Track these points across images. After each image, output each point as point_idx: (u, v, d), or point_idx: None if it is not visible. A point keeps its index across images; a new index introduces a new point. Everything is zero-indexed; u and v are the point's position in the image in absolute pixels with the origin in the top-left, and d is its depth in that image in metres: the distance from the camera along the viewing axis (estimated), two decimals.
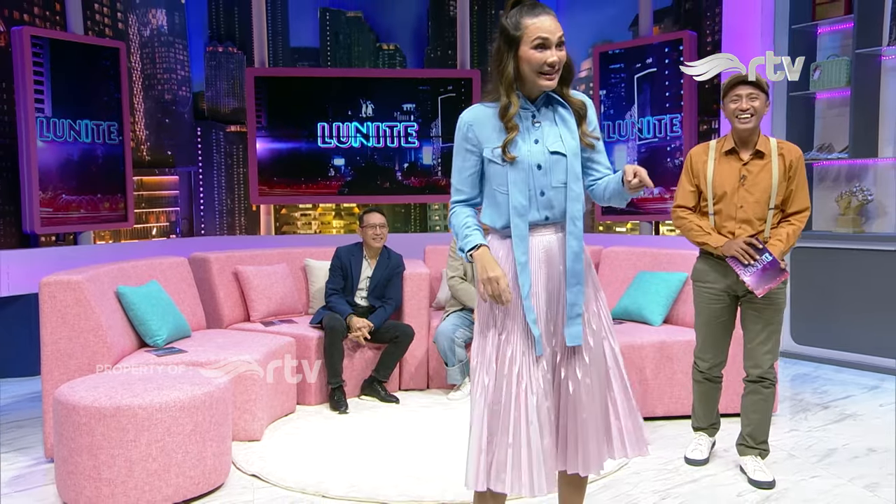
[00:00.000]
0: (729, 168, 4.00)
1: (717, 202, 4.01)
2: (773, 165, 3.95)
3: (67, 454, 3.84)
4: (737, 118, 3.93)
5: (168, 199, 7.94)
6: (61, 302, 4.54)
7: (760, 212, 3.96)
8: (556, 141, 2.79)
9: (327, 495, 3.97)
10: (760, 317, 4.03)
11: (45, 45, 6.69)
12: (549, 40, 2.66)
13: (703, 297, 4.15)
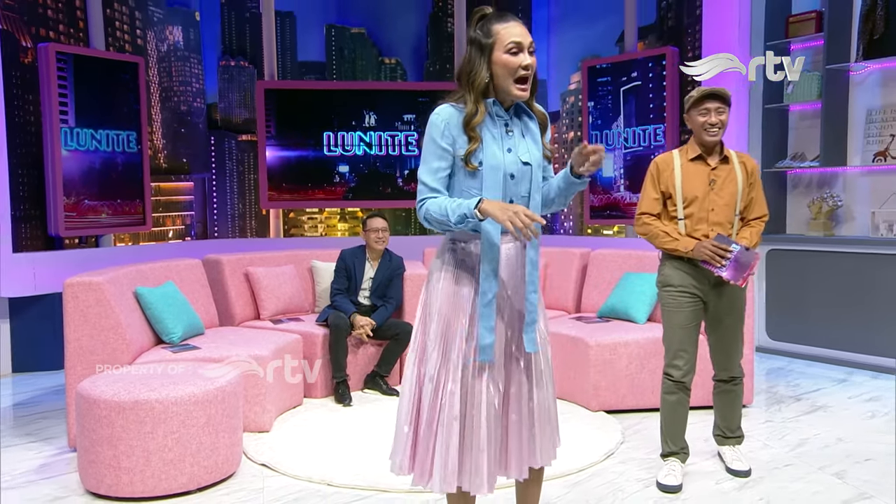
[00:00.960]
0: (697, 173, 3.90)
1: (687, 206, 3.91)
2: (738, 171, 3.93)
3: (89, 444, 3.86)
4: (705, 131, 3.84)
5: (183, 204, 7.94)
6: (83, 302, 4.55)
7: (729, 214, 3.91)
8: (525, 151, 2.73)
9: (332, 483, 3.98)
10: (724, 322, 3.99)
11: (69, 60, 6.69)
12: (521, 44, 2.61)
13: (675, 301, 3.95)
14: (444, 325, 2.77)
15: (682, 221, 3.92)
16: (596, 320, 5.72)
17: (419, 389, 2.80)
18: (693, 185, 3.88)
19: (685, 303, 3.91)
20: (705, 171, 3.89)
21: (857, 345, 6.29)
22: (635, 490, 3.91)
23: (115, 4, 7.21)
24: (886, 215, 6.27)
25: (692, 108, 3.89)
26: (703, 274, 3.85)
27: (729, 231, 3.90)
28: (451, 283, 2.78)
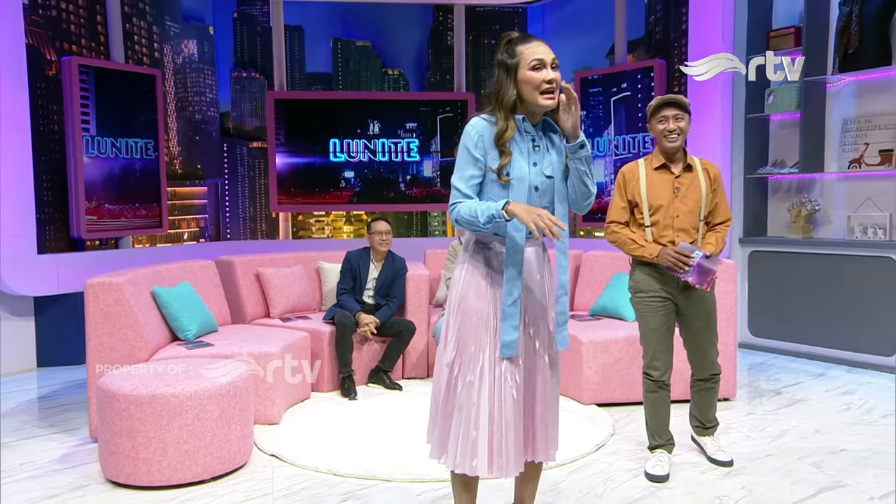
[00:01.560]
0: (662, 182, 3.86)
1: (653, 213, 3.86)
2: (701, 178, 3.87)
3: (109, 436, 3.88)
4: (665, 137, 3.81)
5: (198, 208, 7.95)
6: (104, 301, 4.56)
7: (694, 220, 3.86)
8: (549, 165, 2.78)
9: (338, 473, 3.99)
10: (695, 324, 3.96)
11: (90, 73, 6.71)
12: (544, 61, 2.65)
13: (648, 306, 3.92)
14: (466, 320, 2.83)
15: (648, 228, 3.88)
16: (588, 318, 5.73)
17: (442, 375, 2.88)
18: (658, 193, 3.85)
19: (657, 307, 3.89)
20: (669, 180, 3.85)
21: (833, 341, 6.31)
22: (625, 479, 3.92)
23: (133, 19, 7.23)
24: (861, 219, 6.27)
25: (652, 116, 3.86)
26: (672, 278, 3.83)
27: (694, 236, 3.87)
28: (476, 280, 2.83)
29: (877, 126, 6.21)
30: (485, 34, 8.53)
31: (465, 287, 2.85)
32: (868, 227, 6.22)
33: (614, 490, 3.79)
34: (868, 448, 4.38)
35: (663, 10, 7.33)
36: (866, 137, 6.24)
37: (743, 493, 3.72)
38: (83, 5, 6.79)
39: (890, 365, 6.02)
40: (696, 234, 3.87)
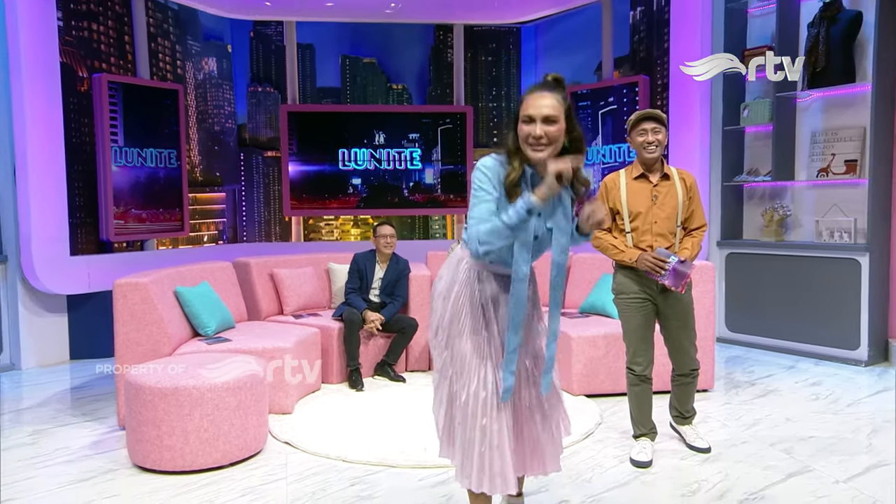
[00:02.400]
0: (641, 190, 3.85)
1: (633, 220, 3.86)
2: (678, 187, 3.86)
3: (136, 425, 3.89)
4: (644, 149, 3.78)
5: (216, 212, 7.95)
6: (130, 300, 4.58)
7: (671, 226, 3.85)
8: (550, 218, 2.62)
9: (346, 459, 4.00)
10: (673, 323, 3.94)
11: (118, 88, 6.71)
12: (533, 116, 2.51)
13: (630, 307, 3.92)
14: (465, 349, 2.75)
15: (629, 234, 3.88)
16: (577, 315, 5.73)
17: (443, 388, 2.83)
18: (637, 200, 3.85)
19: (637, 307, 3.90)
20: (648, 188, 3.85)
21: (803, 336, 6.32)
22: (612, 465, 3.93)
23: (158, 39, 7.23)
24: (828, 223, 6.28)
25: (632, 129, 3.84)
26: (651, 280, 3.84)
27: (671, 240, 3.87)
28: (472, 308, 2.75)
29: (842, 138, 6.22)
30: (482, 52, 8.53)
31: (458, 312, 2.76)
32: (835, 231, 6.23)
33: (602, 475, 3.80)
34: (834, 435, 4.40)
35: (646, 30, 7.34)
36: (833, 148, 6.25)
37: (720, 477, 3.74)
38: (112, 26, 6.80)
39: (854, 358, 6.04)
40: (673, 239, 3.87)
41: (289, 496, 3.57)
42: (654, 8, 7.25)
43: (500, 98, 8.56)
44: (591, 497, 3.53)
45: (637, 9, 7.40)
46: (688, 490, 3.61)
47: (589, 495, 3.55)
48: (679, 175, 3.91)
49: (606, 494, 3.56)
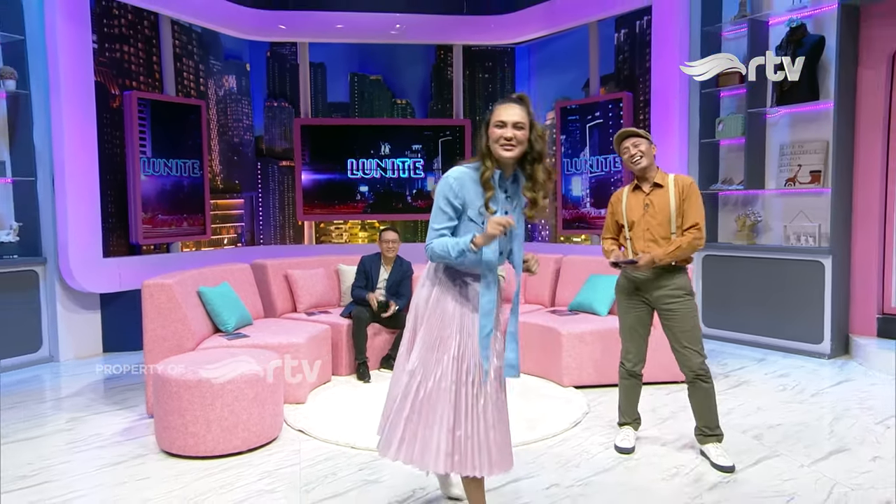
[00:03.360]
0: (636, 201, 3.85)
1: (631, 229, 3.86)
2: (671, 193, 3.77)
3: (163, 414, 3.91)
4: (632, 163, 3.78)
5: (235, 217, 7.96)
6: (158, 299, 4.59)
7: (665, 232, 3.76)
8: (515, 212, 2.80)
9: (355, 446, 4.01)
10: (673, 324, 3.79)
11: (147, 105, 6.72)
12: (505, 122, 2.66)
13: (624, 306, 3.93)
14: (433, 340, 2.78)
15: (629, 241, 3.88)
16: (567, 313, 5.73)
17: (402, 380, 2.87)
18: (632, 211, 3.85)
19: (631, 307, 3.89)
20: (641, 198, 3.83)
21: (772, 331, 6.34)
22: (598, 451, 3.96)
23: (183, 59, 7.24)
24: (795, 228, 6.29)
25: (617, 149, 3.87)
26: (647, 284, 3.80)
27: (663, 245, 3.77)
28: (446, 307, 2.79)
29: (807, 151, 6.23)
30: (479, 70, 8.54)
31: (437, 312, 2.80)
32: (801, 236, 6.25)
33: (589, 461, 3.82)
34: (799, 422, 4.42)
35: (630, 51, 7.35)
36: (799, 160, 6.26)
37: (696, 462, 3.76)
38: (142, 48, 6.81)
39: (818, 351, 6.05)
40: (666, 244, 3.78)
41: (302, 480, 3.58)
42: (636, 30, 7.26)
43: None
44: (579, 481, 3.55)
45: (621, 31, 7.40)
46: (667, 474, 3.63)
47: (577, 479, 3.57)
48: (675, 181, 3.81)
49: (593, 479, 3.58)
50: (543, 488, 3.47)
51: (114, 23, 6.56)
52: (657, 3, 6.89)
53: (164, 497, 3.40)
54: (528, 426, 4.30)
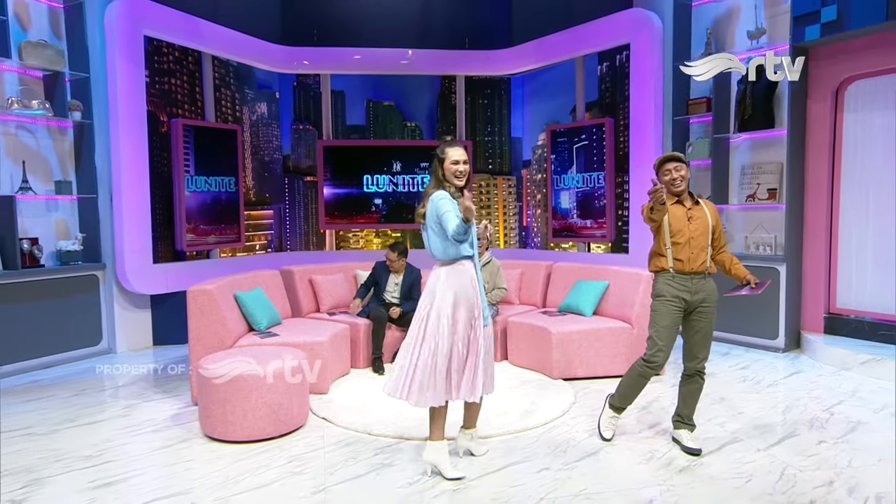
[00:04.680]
0: (679, 212, 3.63)
1: (673, 235, 3.61)
2: (707, 213, 3.67)
3: (206, 403, 3.95)
4: (672, 185, 3.60)
5: (266, 226, 7.98)
6: (200, 302, 4.63)
7: (704, 243, 3.62)
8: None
9: (371, 433, 4.03)
10: (699, 326, 3.68)
11: (190, 130, 6.77)
12: (459, 160, 3.37)
13: (665, 307, 3.64)
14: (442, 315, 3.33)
15: (669, 249, 3.65)
16: (556, 314, 5.74)
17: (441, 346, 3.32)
18: (677, 220, 3.62)
19: (672, 309, 3.63)
20: (683, 211, 3.64)
21: (735, 328, 6.36)
22: (583, 438, 3.97)
23: (221, 89, 7.28)
24: (755, 238, 6.32)
25: (658, 170, 3.68)
26: (688, 286, 3.63)
27: (705, 256, 3.65)
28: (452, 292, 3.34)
29: (765, 171, 6.25)
30: (479, 97, 8.55)
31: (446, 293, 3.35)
32: (759, 245, 6.28)
33: (575, 447, 3.83)
34: (758, 410, 4.45)
35: (611, 81, 7.36)
36: (758, 179, 6.28)
37: (668, 447, 3.79)
38: (186, 81, 6.85)
39: (774, 346, 6.09)
40: (705, 255, 3.65)
41: (326, 463, 3.61)
42: (616, 64, 7.27)
43: (493, 133, 8.58)
44: (567, 465, 3.57)
45: (603, 64, 7.42)
46: (643, 458, 3.65)
47: (565, 463, 3.59)
48: (706, 203, 3.73)
49: (579, 462, 3.60)
50: (535, 472, 3.49)
51: (163, 59, 6.61)
52: (634, 41, 6.92)
53: (208, 477, 3.44)
54: (523, 415, 4.32)
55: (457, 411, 3.74)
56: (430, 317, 3.34)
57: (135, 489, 3.33)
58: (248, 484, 3.36)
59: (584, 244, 7.69)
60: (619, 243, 7.28)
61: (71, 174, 6.23)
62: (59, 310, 5.94)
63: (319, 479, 3.41)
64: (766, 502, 3.15)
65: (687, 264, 3.62)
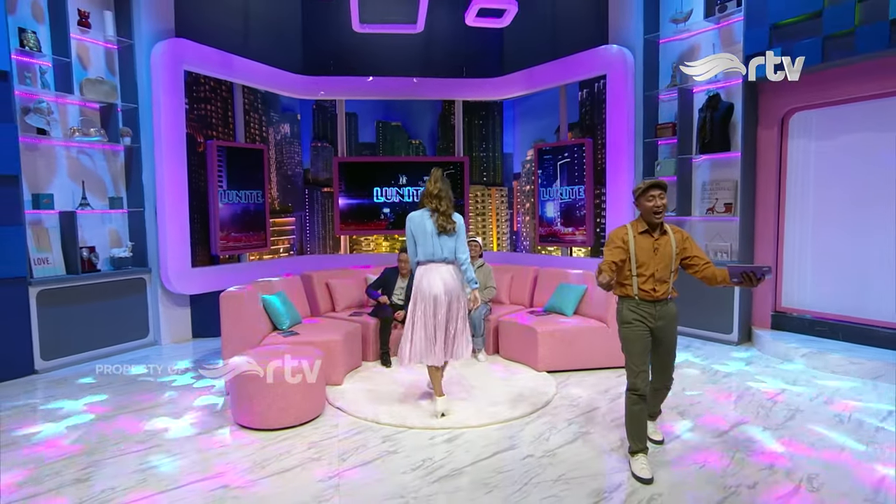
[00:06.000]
0: (646, 243, 3.29)
1: (639, 266, 3.30)
2: (672, 242, 3.32)
3: (236, 395, 3.98)
4: (654, 214, 3.25)
5: (288, 232, 7.98)
6: (231, 305, 4.67)
7: (667, 273, 3.32)
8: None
9: (379, 422, 4.04)
10: (661, 346, 3.42)
11: (223, 150, 6.78)
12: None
13: (633, 332, 3.33)
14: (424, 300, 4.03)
15: (635, 278, 3.34)
16: (542, 313, 5.73)
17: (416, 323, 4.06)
18: (643, 252, 3.30)
19: (639, 333, 3.33)
20: (650, 242, 3.31)
21: (696, 323, 6.37)
22: (564, 427, 3.97)
23: (250, 113, 7.28)
24: (713, 246, 6.33)
25: (641, 196, 3.28)
26: (650, 312, 3.34)
27: (667, 285, 3.35)
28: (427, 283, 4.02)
29: (722, 188, 6.27)
30: (475, 118, 8.53)
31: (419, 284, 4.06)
32: (717, 252, 6.30)
33: (556, 435, 3.83)
34: (712, 399, 4.45)
35: (590, 105, 7.35)
36: (716, 195, 6.30)
37: None
38: (220, 107, 6.86)
39: (728, 339, 6.12)
40: (667, 285, 3.35)
41: (340, 449, 3.64)
42: (595, 91, 7.27)
43: (488, 150, 8.57)
44: (548, 452, 3.59)
45: (584, 90, 7.41)
46: (615, 445, 3.67)
47: (547, 450, 3.61)
48: (672, 230, 3.37)
49: (559, 450, 3.61)
50: (520, 459, 3.51)
51: (200, 89, 6.62)
52: (610, 72, 6.92)
53: (240, 461, 3.47)
54: (511, 406, 4.32)
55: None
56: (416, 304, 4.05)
57: (177, 472, 3.37)
58: (273, 468, 3.39)
59: (566, 248, 7.72)
60: (597, 248, 7.31)
61: (122, 191, 6.28)
62: (113, 308, 6.00)
63: (334, 465, 3.44)
64: (719, 485, 3.17)
65: (651, 293, 3.32)
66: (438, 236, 4.01)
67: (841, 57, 5.17)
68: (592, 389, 4.72)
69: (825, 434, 3.84)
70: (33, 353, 5.33)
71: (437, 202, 4.04)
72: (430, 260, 4.03)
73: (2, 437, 3.91)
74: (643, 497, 3.08)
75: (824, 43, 5.25)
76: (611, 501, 3.04)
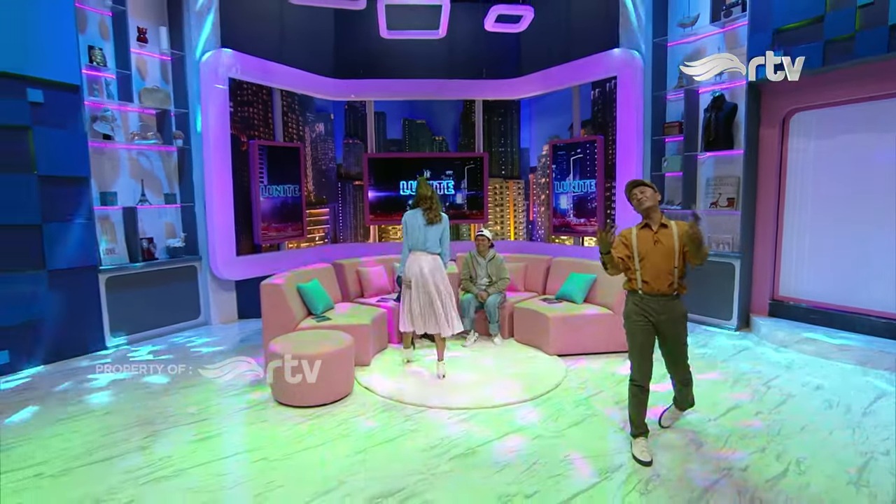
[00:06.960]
0: (646, 237, 3.27)
1: (641, 259, 3.26)
2: (674, 235, 3.24)
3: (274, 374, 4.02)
4: (639, 204, 3.25)
5: (323, 222, 8.04)
6: (271, 293, 4.73)
7: (669, 266, 3.22)
8: None
9: (402, 401, 4.06)
10: (672, 342, 3.31)
11: (265, 149, 6.82)
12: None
13: (634, 328, 3.27)
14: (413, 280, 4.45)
15: (638, 271, 3.28)
16: (554, 300, 5.69)
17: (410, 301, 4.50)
18: (643, 245, 3.27)
19: (640, 329, 3.26)
20: (650, 235, 3.27)
21: (699, 310, 6.27)
22: (572, 408, 3.94)
23: (288, 114, 7.32)
24: (716, 238, 6.18)
25: (629, 197, 3.34)
26: (652, 307, 3.26)
27: (671, 277, 3.24)
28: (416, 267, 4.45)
29: (725, 183, 6.13)
30: (494, 116, 8.45)
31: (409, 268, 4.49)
32: (720, 244, 6.19)
33: (566, 416, 3.82)
34: (710, 384, 4.39)
35: (602, 104, 7.22)
36: (719, 190, 6.17)
37: None
38: (261, 109, 6.90)
39: (728, 326, 6.04)
40: (672, 276, 3.25)
41: (366, 426, 3.69)
42: (606, 90, 7.13)
43: (506, 145, 8.49)
44: (557, 433, 3.58)
45: (596, 90, 7.27)
46: (619, 427, 3.65)
47: (556, 431, 3.61)
48: (677, 225, 3.28)
49: (567, 430, 3.61)
50: (531, 438, 3.51)
51: (243, 94, 6.67)
52: (620, 74, 6.78)
53: (279, 437, 3.54)
54: (524, 388, 4.30)
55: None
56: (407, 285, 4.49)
57: (223, 444, 3.46)
58: (307, 443, 3.46)
59: (578, 238, 7.66)
60: None
61: (175, 188, 6.40)
62: (169, 292, 6.15)
63: (361, 441, 3.48)
64: (714, 466, 3.16)
65: (653, 286, 3.23)
66: (427, 227, 4.49)
67: (841, 61, 4.98)
68: (599, 373, 4.69)
69: (815, 419, 3.78)
70: (104, 332, 5.52)
71: (430, 202, 4.55)
72: (417, 249, 4.49)
73: (79, 406, 4.06)
74: (642, 478, 3.08)
75: (825, 47, 5.06)
76: (613, 481, 3.05)
